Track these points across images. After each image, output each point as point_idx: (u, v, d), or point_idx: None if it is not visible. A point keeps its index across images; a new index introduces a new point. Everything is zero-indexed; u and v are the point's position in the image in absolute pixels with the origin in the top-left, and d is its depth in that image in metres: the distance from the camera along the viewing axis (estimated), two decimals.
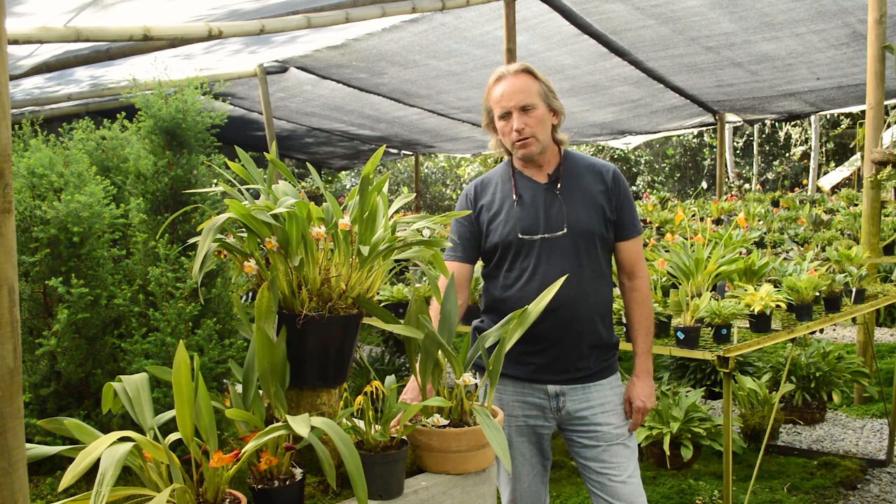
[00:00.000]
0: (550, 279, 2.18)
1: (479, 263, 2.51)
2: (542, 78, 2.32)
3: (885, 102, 6.09)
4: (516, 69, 2.32)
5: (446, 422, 1.76)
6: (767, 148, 19.52)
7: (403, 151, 13.07)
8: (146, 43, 4.40)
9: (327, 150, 12.46)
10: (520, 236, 2.30)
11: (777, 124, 18.22)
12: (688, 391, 4.59)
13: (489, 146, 2.48)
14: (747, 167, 19.51)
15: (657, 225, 7.33)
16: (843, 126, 17.52)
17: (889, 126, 5.57)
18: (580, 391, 2.31)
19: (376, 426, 1.67)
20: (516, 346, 2.23)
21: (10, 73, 1.04)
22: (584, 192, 2.33)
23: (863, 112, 5.44)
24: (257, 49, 6.71)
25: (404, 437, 1.68)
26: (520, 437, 2.38)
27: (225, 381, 1.76)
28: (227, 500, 1.39)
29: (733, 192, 13.53)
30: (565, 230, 2.28)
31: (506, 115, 2.30)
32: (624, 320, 2.85)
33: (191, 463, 1.38)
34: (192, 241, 1.75)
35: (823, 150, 18.04)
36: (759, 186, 15.41)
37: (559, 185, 2.33)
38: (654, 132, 10.96)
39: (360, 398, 1.68)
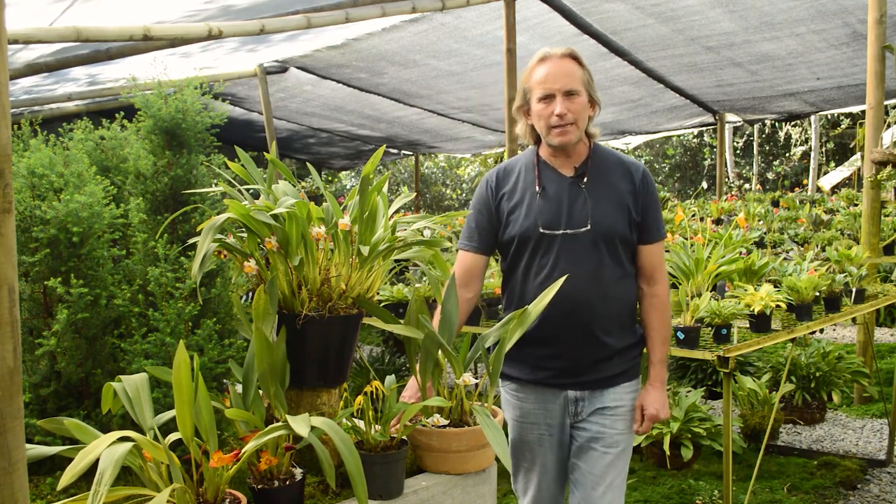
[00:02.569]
0: (571, 278, 2.10)
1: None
2: (586, 66, 2.20)
3: (885, 102, 6.08)
4: (563, 52, 2.18)
5: (446, 422, 1.76)
6: (767, 148, 19.52)
7: (404, 151, 13.07)
8: (146, 43, 4.40)
9: (329, 151, 12.46)
10: (540, 230, 2.18)
11: (777, 124, 18.22)
12: (688, 391, 4.59)
13: (516, 130, 2.34)
14: (747, 167, 19.51)
15: None
16: (843, 126, 17.51)
17: (889, 126, 5.57)
18: (598, 395, 2.22)
19: (376, 426, 1.67)
20: (535, 350, 2.18)
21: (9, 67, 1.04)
22: (610, 189, 2.21)
23: (863, 112, 5.44)
24: (256, 47, 6.71)
25: (404, 437, 1.68)
26: (541, 447, 2.27)
27: (225, 381, 1.76)
28: (227, 500, 1.39)
29: (733, 192, 13.53)
30: (589, 227, 2.16)
31: (547, 98, 2.16)
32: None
33: (191, 463, 1.38)
34: (191, 241, 1.75)
35: (823, 150, 18.04)
36: (759, 186, 15.40)
37: (585, 180, 2.21)
38: (654, 132, 10.96)
39: (360, 398, 1.68)
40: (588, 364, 2.20)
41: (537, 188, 2.23)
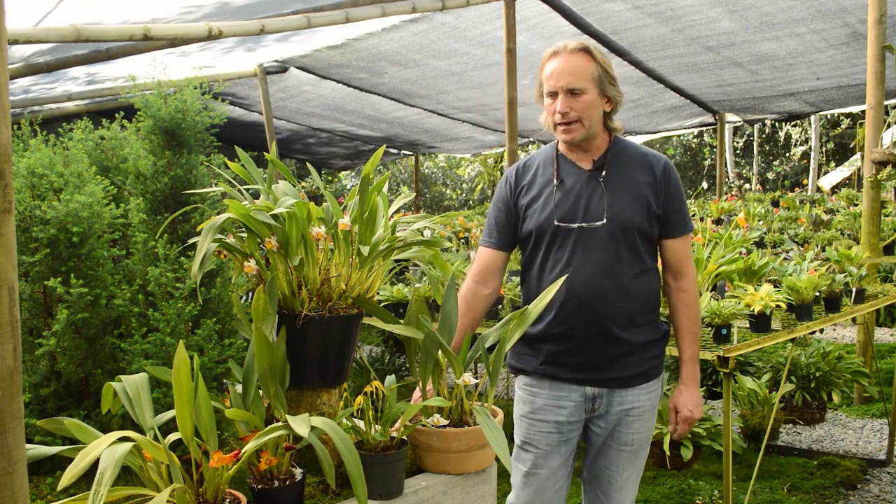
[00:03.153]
0: (585, 272, 2.10)
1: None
2: (601, 60, 2.15)
3: (885, 102, 6.08)
4: (574, 47, 2.14)
5: (446, 422, 1.76)
6: (767, 148, 19.53)
7: (404, 151, 13.08)
8: (146, 43, 4.40)
9: (328, 151, 12.47)
10: (556, 223, 2.16)
11: (777, 124, 18.22)
12: None
13: (539, 120, 2.29)
14: (747, 167, 19.51)
15: None
16: (843, 126, 17.51)
17: (889, 126, 5.57)
18: (617, 395, 2.18)
19: (376, 426, 1.67)
20: (547, 345, 2.18)
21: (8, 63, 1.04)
22: (629, 182, 2.18)
23: (863, 112, 5.45)
24: (255, 46, 6.71)
25: (404, 437, 1.68)
26: (548, 447, 2.21)
27: (225, 381, 1.76)
28: (227, 500, 1.39)
29: (733, 192, 13.51)
30: (604, 221, 2.13)
31: (552, 95, 2.15)
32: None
33: (191, 463, 1.38)
34: (191, 241, 1.75)
35: (823, 150, 18.04)
36: (759, 186, 15.39)
37: (604, 173, 2.18)
38: (654, 132, 10.96)
39: (360, 398, 1.68)
40: (605, 360, 2.16)
41: (555, 181, 2.21)
